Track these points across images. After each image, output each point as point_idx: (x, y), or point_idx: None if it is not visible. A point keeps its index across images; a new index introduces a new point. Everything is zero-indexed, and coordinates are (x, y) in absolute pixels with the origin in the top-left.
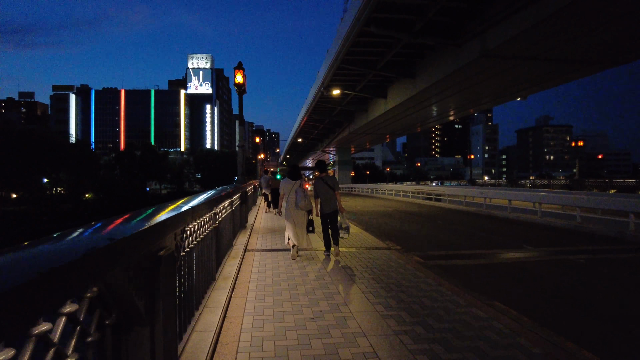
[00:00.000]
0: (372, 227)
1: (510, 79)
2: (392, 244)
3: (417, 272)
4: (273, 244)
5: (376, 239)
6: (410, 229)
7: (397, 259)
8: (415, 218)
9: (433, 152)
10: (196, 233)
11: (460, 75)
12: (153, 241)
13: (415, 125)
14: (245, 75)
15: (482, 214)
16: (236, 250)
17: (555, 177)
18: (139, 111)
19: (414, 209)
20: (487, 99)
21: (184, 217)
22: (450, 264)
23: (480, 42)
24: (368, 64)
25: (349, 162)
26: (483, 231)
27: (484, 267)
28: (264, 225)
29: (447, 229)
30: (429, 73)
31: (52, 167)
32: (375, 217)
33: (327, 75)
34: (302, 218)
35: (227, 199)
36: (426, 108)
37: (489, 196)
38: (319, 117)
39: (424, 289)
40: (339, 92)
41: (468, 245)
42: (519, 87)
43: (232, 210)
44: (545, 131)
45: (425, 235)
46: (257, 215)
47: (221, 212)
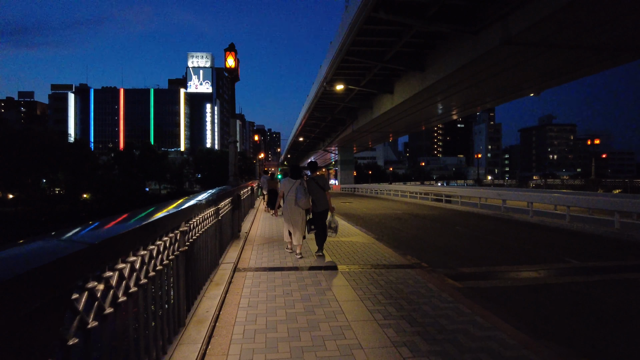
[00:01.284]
0: (385, 235)
1: (528, 71)
2: (413, 259)
3: (460, 306)
4: (270, 258)
5: (393, 252)
6: (428, 237)
7: (427, 282)
8: (430, 223)
9: (435, 151)
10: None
11: (475, 67)
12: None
13: (419, 124)
14: (238, 59)
15: (501, 218)
16: (222, 272)
17: (560, 177)
18: (138, 110)
19: (426, 212)
20: (499, 95)
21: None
22: (491, 286)
23: (501, 28)
24: (375, 55)
25: (352, 161)
26: (511, 239)
27: (534, 291)
28: (261, 233)
29: (469, 237)
30: (441, 65)
31: (49, 168)
32: (386, 221)
33: (330, 68)
34: (300, 216)
35: (207, 208)
36: (434, 104)
37: (508, 198)
38: (321, 115)
39: (477, 335)
40: (343, 88)
41: (502, 259)
42: (536, 80)
43: (218, 219)
44: (549, 130)
45: (448, 245)
46: (255, 220)
47: (199, 225)
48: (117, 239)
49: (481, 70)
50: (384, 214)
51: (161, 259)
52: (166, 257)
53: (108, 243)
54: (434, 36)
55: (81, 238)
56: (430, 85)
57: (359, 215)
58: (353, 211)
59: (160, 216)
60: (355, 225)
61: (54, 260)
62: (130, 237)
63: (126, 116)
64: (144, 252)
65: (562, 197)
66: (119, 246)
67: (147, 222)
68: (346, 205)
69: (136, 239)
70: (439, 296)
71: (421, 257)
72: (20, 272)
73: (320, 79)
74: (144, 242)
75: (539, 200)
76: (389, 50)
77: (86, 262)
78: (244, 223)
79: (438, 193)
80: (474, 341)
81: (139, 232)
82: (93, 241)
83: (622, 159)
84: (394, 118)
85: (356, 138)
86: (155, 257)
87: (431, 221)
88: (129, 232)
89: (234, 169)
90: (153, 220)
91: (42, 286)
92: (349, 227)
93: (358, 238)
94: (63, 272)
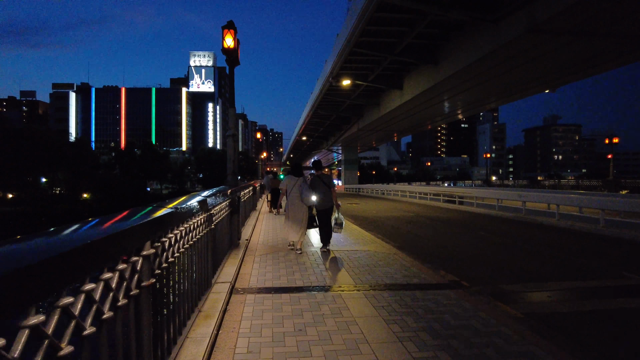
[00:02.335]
0: (405, 242)
1: (549, 64)
2: (448, 275)
3: (534, 349)
4: (275, 274)
5: (421, 266)
6: (453, 245)
7: (476, 309)
8: (449, 227)
9: (438, 151)
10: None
11: (493, 59)
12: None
13: (426, 123)
14: (237, 39)
15: (525, 222)
16: (214, 297)
17: (565, 177)
18: (140, 110)
19: (440, 215)
20: (513, 91)
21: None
22: (552, 311)
23: (526, 15)
24: (385, 47)
25: (356, 161)
26: (545, 247)
27: (610, 320)
28: (263, 239)
29: (499, 245)
30: (455, 58)
31: (48, 167)
32: (400, 226)
33: (337, 62)
34: (303, 213)
35: (193, 215)
36: (445, 101)
37: (530, 199)
38: (325, 113)
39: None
40: (350, 83)
41: (546, 272)
42: (556, 74)
43: (211, 229)
44: (554, 130)
45: (479, 255)
46: (257, 223)
47: (180, 241)
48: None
49: (499, 63)
50: (396, 216)
51: (95, 312)
52: (110, 306)
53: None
54: (448, 26)
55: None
56: (443, 80)
57: (369, 218)
58: (362, 213)
59: (100, 234)
60: (369, 230)
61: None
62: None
63: (127, 115)
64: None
65: (594, 200)
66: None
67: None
68: (353, 206)
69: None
70: (499, 332)
71: (455, 272)
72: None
73: (325, 74)
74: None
75: (565, 203)
76: (400, 41)
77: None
78: (244, 228)
79: (450, 194)
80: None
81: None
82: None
83: (628, 159)
84: (402, 116)
85: (361, 137)
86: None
87: (450, 225)
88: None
89: (233, 166)
90: (78, 247)
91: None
92: (362, 233)
93: (376, 247)
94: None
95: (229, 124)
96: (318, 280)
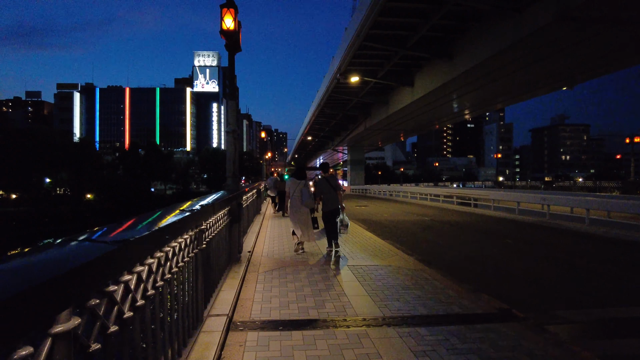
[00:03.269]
0: (428, 253)
1: (573, 57)
2: (492, 301)
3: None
4: (283, 300)
5: (457, 287)
6: (482, 257)
7: (545, 355)
8: (470, 234)
9: (444, 152)
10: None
11: (514, 52)
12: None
13: (434, 122)
14: (239, 21)
15: (551, 227)
16: (205, 338)
17: (573, 178)
18: (144, 110)
19: (458, 219)
20: (530, 88)
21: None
22: (634, 353)
23: (555, 2)
24: (396, 41)
25: (362, 161)
26: (587, 259)
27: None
28: (269, 250)
29: (534, 256)
30: (473, 51)
31: (52, 167)
32: (417, 232)
33: (345, 58)
34: (306, 215)
35: (177, 234)
36: (458, 99)
37: (556, 203)
38: (332, 112)
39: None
40: (358, 80)
41: (607, 294)
42: (578, 69)
43: (203, 248)
44: (562, 130)
45: (518, 270)
46: (261, 230)
47: (146, 282)
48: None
49: (519, 57)
50: (410, 220)
51: None
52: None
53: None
54: (465, 17)
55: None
56: (458, 75)
57: (381, 223)
58: (373, 217)
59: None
60: (384, 238)
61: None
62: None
63: (132, 115)
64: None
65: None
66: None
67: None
68: (362, 209)
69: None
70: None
71: (498, 294)
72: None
73: (332, 71)
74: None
75: (600, 207)
76: (413, 34)
77: None
78: (247, 236)
79: (464, 196)
80: None
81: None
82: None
83: (637, 159)
84: (412, 114)
85: (367, 137)
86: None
87: (471, 231)
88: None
89: (234, 167)
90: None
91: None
92: (377, 242)
93: (397, 261)
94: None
95: (229, 118)
96: (336, 309)
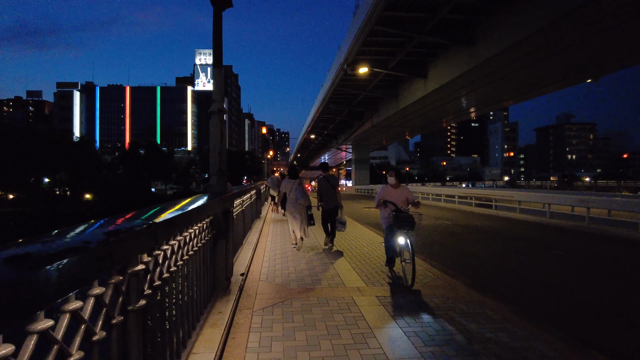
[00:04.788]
0: (467, 269)
1: (608, 42)
2: (598, 355)
3: None
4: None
5: (538, 329)
6: (534, 275)
7: None
8: (507, 242)
9: (448, 151)
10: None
11: (550, 33)
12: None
13: (442, 119)
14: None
15: (597, 234)
16: None
17: (580, 178)
18: (145, 109)
19: (482, 223)
20: (557, 79)
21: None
22: None
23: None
24: (412, 24)
25: (367, 160)
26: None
27: None
28: (269, 269)
29: (604, 274)
30: (500, 35)
31: (50, 167)
32: (443, 240)
33: (354, 45)
34: (302, 213)
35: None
36: (475, 92)
37: (597, 206)
38: (337, 108)
39: None
40: (367, 71)
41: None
42: (611, 57)
43: (162, 298)
44: (568, 129)
45: (601, 298)
46: (260, 239)
47: None
48: None
49: (553, 40)
50: (430, 226)
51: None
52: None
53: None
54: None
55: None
56: (479, 64)
57: None
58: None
59: None
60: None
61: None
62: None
63: (132, 115)
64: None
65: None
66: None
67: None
68: (370, 211)
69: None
70: None
71: (586, 334)
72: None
73: (339, 63)
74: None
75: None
76: (431, 17)
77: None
78: (242, 249)
79: (485, 197)
80: None
81: None
82: None
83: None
84: (422, 110)
85: (373, 135)
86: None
87: (507, 239)
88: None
89: (219, 161)
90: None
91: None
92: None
93: (438, 287)
94: None
95: (213, 93)
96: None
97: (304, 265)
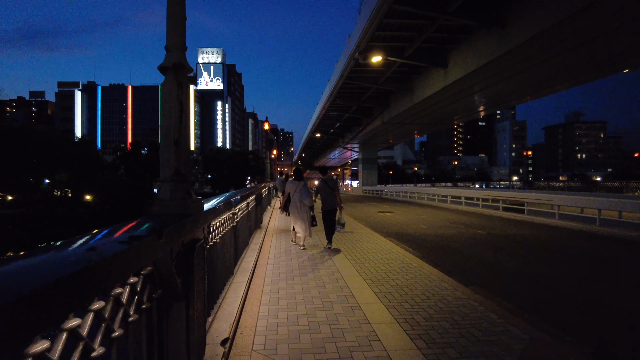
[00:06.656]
0: (545, 310)
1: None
2: None
3: None
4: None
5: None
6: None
7: None
8: (570, 261)
9: (455, 150)
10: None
11: (596, 13)
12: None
13: (452, 117)
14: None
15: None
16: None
17: (591, 177)
18: (147, 108)
19: (522, 232)
20: (595, 67)
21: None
22: None
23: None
24: (435, 3)
25: (374, 160)
26: None
27: None
28: (271, 325)
29: None
30: (534, 16)
31: (50, 168)
32: (482, 254)
33: (368, 29)
34: (306, 213)
35: None
36: (502, 82)
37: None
38: (344, 103)
39: None
40: (380, 60)
41: None
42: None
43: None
44: (577, 128)
45: None
46: (258, 265)
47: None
48: None
49: (599, 22)
50: (461, 236)
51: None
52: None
53: None
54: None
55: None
56: (512, 48)
57: (424, 239)
58: (407, 229)
59: None
60: (446, 271)
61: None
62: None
63: (134, 114)
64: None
65: None
66: None
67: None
68: (387, 217)
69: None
70: None
71: None
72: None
73: (349, 52)
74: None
75: None
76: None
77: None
78: (229, 287)
79: (515, 200)
80: None
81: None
82: None
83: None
84: (440, 104)
85: (382, 133)
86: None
87: (565, 256)
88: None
89: (178, 157)
90: None
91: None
92: (445, 284)
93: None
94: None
95: (167, 39)
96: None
97: (322, 312)
